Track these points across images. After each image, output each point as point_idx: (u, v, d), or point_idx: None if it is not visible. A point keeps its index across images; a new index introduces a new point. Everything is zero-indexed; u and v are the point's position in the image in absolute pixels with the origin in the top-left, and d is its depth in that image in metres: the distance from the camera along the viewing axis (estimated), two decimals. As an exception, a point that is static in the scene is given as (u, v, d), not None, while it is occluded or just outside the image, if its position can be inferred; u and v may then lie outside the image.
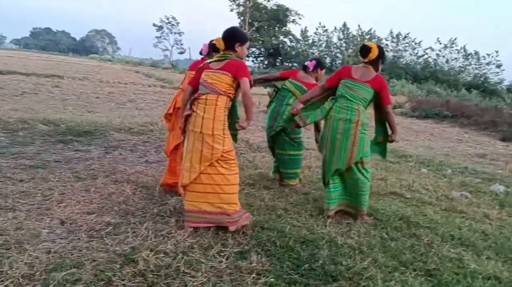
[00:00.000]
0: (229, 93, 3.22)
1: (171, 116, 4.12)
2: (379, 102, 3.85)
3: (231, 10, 44.60)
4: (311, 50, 43.28)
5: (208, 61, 3.35)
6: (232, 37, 3.26)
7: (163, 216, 3.44)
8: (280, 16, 43.49)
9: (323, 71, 4.80)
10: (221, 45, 3.23)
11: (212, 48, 3.50)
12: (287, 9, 43.80)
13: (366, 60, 3.77)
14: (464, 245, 3.38)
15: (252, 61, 45.44)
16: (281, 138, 4.67)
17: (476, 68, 38.51)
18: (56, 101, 10.87)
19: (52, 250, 2.71)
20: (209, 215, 3.19)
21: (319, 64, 4.71)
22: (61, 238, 2.94)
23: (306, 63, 4.73)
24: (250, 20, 41.92)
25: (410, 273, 2.75)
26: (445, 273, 2.78)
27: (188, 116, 3.23)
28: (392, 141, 3.96)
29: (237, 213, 3.21)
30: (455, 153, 9.29)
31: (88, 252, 2.72)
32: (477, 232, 3.74)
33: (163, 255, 2.71)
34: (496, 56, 36.99)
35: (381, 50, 3.78)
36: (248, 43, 3.36)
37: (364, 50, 3.76)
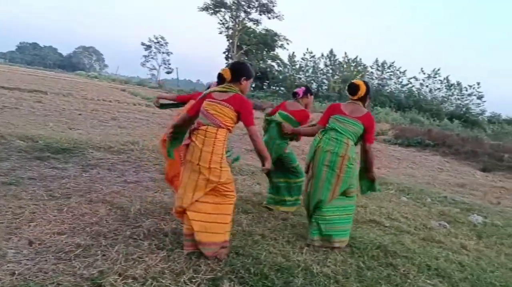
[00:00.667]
0: (229, 126, 3.18)
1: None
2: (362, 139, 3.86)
3: (220, 33, 45.21)
4: (298, 75, 43.89)
5: (211, 90, 3.33)
6: (239, 70, 3.29)
7: (136, 239, 3.34)
8: (269, 40, 44.15)
9: (312, 97, 4.88)
10: (228, 75, 3.22)
11: (217, 78, 3.51)
12: (275, 34, 44.51)
13: (356, 98, 3.80)
14: (440, 276, 3.35)
15: (240, 84, 45.76)
16: (282, 167, 4.71)
17: (458, 99, 39.46)
18: (37, 117, 10.70)
19: (16, 272, 2.60)
20: (195, 240, 3.14)
21: (308, 90, 4.80)
22: (27, 259, 2.82)
23: (296, 90, 4.79)
24: (238, 43, 42.46)
25: (385, 305, 2.70)
26: (420, 306, 2.75)
27: (187, 146, 3.19)
28: (370, 178, 3.94)
29: (220, 244, 3.16)
30: (436, 182, 9.38)
31: (54, 275, 2.61)
32: (454, 263, 3.72)
33: (131, 281, 2.61)
34: (478, 87, 38.04)
35: (368, 87, 3.81)
36: (252, 80, 3.39)
37: (353, 89, 3.78)
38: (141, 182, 5.39)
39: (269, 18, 42.75)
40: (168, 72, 67.38)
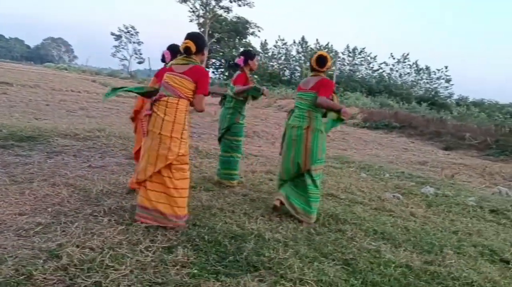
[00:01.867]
0: (190, 97, 3.33)
1: (134, 121, 4.28)
2: None
3: (191, 21, 44.63)
4: (271, 63, 44.00)
5: (171, 62, 3.45)
6: (203, 41, 3.43)
7: (96, 216, 3.45)
8: (240, 28, 43.98)
9: (255, 60, 4.93)
10: (194, 48, 3.31)
11: (174, 50, 3.62)
12: (246, 21, 44.34)
13: (325, 69, 3.95)
14: (385, 239, 3.60)
15: (213, 72, 45.69)
16: (223, 141, 4.99)
17: (427, 82, 40.47)
18: (2, 108, 10.51)
19: (-25, 249, 2.68)
20: (157, 213, 3.29)
21: (248, 56, 4.90)
22: (-13, 238, 2.90)
23: (236, 60, 4.98)
24: (210, 32, 42.10)
25: (328, 263, 2.92)
26: (361, 262, 2.98)
27: (149, 116, 3.32)
28: (345, 116, 3.89)
29: (180, 217, 3.31)
30: (399, 160, 9.72)
31: (13, 249, 2.71)
32: (400, 227, 3.99)
33: (88, 251, 2.74)
34: (446, 71, 39.08)
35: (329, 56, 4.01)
36: None
37: (323, 61, 3.90)
38: (107, 166, 5.46)
39: (240, 6, 42.43)
40: (139, 62, 66.50)
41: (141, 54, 65.92)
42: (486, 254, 3.54)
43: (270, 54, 44.58)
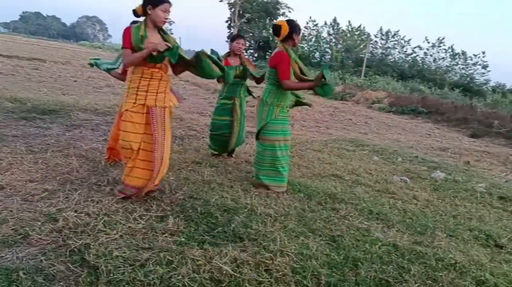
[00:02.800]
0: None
1: None
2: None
3: (221, 1, 44.33)
4: (301, 45, 43.35)
5: None
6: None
7: (100, 185, 3.62)
8: (270, 8, 43.42)
9: (233, 42, 5.11)
10: (140, 10, 3.19)
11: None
12: (277, 1, 43.72)
13: (280, 38, 3.93)
14: (379, 219, 3.61)
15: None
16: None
17: (462, 68, 39.01)
18: (31, 83, 10.94)
19: (-17, 210, 2.89)
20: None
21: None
22: (-4, 201, 3.11)
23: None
24: (240, 12, 41.81)
25: (314, 238, 2.98)
26: (347, 239, 3.02)
27: None
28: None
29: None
30: (420, 146, 9.53)
31: (17, 212, 2.90)
32: (397, 209, 3.97)
33: (84, 215, 2.90)
34: (483, 57, 37.53)
35: (291, 24, 3.91)
36: (161, 6, 3.12)
37: (275, 30, 3.92)
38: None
39: (271, -15, 41.88)
40: (171, 42, 66.91)
41: (172, 33, 66.25)
42: (481, 239, 3.50)
43: (300, 35, 43.93)
